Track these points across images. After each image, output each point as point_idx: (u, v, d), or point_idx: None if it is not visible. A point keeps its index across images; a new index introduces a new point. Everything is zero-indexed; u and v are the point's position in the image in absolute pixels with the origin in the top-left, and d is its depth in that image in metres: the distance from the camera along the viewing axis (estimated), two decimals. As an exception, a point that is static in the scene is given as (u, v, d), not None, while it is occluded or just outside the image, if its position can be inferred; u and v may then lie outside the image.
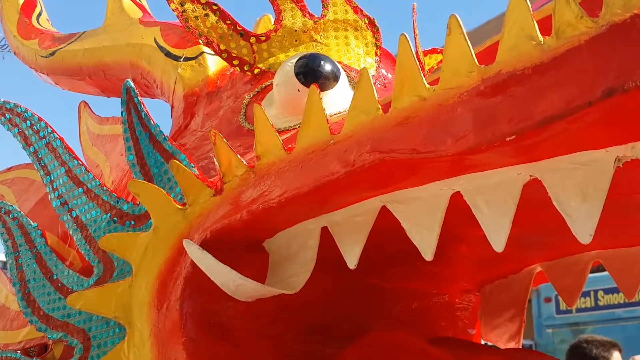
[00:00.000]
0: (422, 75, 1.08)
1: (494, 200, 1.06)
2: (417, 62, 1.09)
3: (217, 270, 1.31)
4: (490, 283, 1.79)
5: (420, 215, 1.15)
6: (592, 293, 8.07)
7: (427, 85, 1.06)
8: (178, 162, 1.42)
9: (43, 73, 2.27)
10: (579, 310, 8.25)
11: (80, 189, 1.65)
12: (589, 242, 0.96)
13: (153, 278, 1.43)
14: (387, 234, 1.35)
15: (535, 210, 1.25)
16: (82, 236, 1.63)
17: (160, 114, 2.03)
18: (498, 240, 1.04)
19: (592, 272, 1.63)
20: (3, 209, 1.80)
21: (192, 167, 1.45)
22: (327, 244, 1.28)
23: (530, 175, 1.03)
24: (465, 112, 0.99)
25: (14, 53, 2.50)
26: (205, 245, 1.35)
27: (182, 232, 1.40)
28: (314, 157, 1.20)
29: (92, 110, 2.09)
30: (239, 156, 1.33)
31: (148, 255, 1.45)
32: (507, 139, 0.93)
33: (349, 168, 1.14)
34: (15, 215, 1.77)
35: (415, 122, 1.06)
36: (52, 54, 2.22)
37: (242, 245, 1.39)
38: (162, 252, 1.43)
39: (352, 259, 1.23)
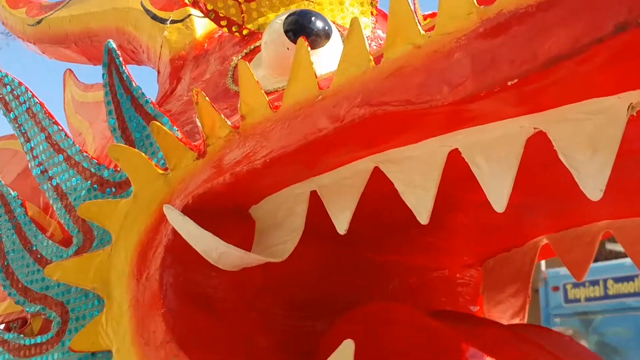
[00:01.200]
0: (416, 22, 0.98)
1: (494, 156, 0.97)
2: (412, 10, 1.00)
3: (199, 237, 1.23)
4: (492, 257, 1.70)
5: (415, 175, 1.06)
6: (601, 282, 7.98)
7: (422, 32, 0.97)
8: (159, 124, 1.34)
9: (30, 42, 2.19)
10: (587, 299, 8.18)
11: (60, 156, 1.57)
12: (599, 198, 0.87)
13: (133, 247, 1.35)
14: (381, 202, 1.26)
15: (540, 173, 1.16)
16: (62, 205, 1.54)
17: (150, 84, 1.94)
18: (499, 199, 0.95)
19: (601, 260, 1.55)
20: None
21: (176, 130, 1.36)
22: (319, 214, 1.19)
23: (534, 128, 0.94)
24: (463, 57, 0.90)
25: (2, 24, 2.42)
26: (187, 211, 1.26)
27: (164, 198, 1.32)
28: (301, 114, 1.12)
29: (76, 78, 2.01)
30: (222, 116, 1.25)
31: (128, 223, 1.37)
32: (509, 83, 0.84)
33: (337, 124, 1.05)
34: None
35: (409, 71, 0.97)
36: (39, 22, 2.14)
37: (227, 212, 1.31)
38: (143, 219, 1.35)
39: (342, 224, 1.14)
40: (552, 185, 1.22)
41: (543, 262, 8.48)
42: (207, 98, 1.26)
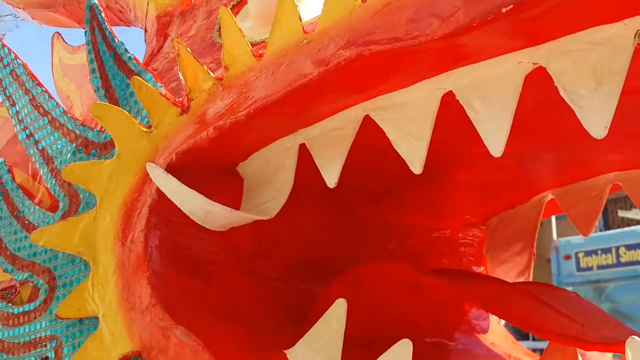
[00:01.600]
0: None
1: (491, 96, 0.90)
2: None
3: (183, 195, 1.17)
4: (496, 215, 1.63)
5: (408, 122, 1.00)
6: (613, 250, 7.91)
7: (411, -35, 0.90)
8: (140, 79, 1.27)
9: (20, 8, 2.12)
10: (600, 267, 8.11)
11: (45, 119, 1.51)
12: (604, 135, 0.80)
13: (117, 208, 1.29)
14: (377, 157, 1.20)
15: (541, 116, 1.09)
16: (48, 170, 1.49)
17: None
18: (496, 142, 0.88)
19: (614, 228, 1.47)
20: None
21: (160, 87, 1.30)
22: (311, 171, 1.13)
23: (533, 64, 0.86)
24: (454, -14, 0.83)
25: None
26: (172, 170, 1.20)
27: (148, 157, 1.26)
28: (285, 61, 1.05)
29: (64, 41, 1.94)
30: (205, 68, 1.18)
31: (112, 184, 1.31)
32: (503, 9, 0.77)
33: (323, 68, 0.98)
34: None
35: (397, 7, 0.90)
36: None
37: (215, 170, 1.25)
38: (127, 180, 1.29)
39: (331, 177, 1.07)
40: (554, 130, 1.15)
41: (554, 231, 8.42)
42: (188, 49, 1.19)
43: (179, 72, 1.21)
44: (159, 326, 1.16)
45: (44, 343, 1.40)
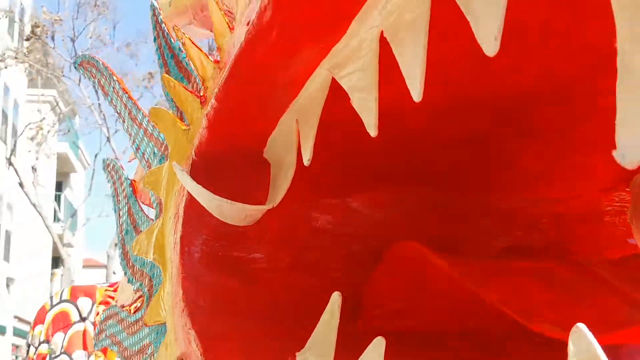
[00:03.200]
0: None
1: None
2: None
3: (196, 191, 1.10)
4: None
5: (355, 74, 0.81)
6: None
7: None
8: (168, 77, 1.23)
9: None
10: None
11: (141, 131, 1.54)
12: (495, 50, 0.56)
13: (172, 212, 1.26)
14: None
15: None
16: (148, 178, 1.52)
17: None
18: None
19: None
20: (110, 165, 1.78)
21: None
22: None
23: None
24: None
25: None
26: (212, 165, 1.15)
27: (189, 155, 1.21)
28: (241, 23, 0.93)
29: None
30: (205, 53, 1.10)
31: (168, 186, 1.29)
32: None
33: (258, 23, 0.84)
34: (116, 168, 1.74)
35: None
36: (170, 3, 2.16)
37: (249, 159, 1.16)
38: (175, 180, 1.26)
39: (305, 153, 0.93)
40: None
41: None
42: (190, 38, 1.12)
43: (190, 64, 1.15)
44: (185, 330, 1.10)
45: (146, 351, 1.43)
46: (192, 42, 1.12)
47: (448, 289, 1.03)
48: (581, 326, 0.61)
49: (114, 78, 1.62)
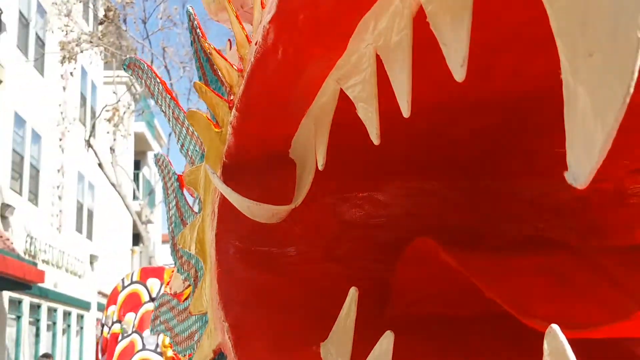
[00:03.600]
0: None
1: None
2: None
3: (227, 193, 1.16)
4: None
5: (357, 86, 0.85)
6: None
7: None
8: (199, 83, 1.30)
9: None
10: None
11: (184, 129, 1.62)
12: (462, 77, 0.60)
13: (210, 209, 1.34)
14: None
15: None
16: (191, 174, 1.60)
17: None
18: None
19: None
20: (160, 160, 1.87)
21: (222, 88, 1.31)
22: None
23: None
24: None
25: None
26: (239, 166, 1.22)
27: (222, 156, 1.28)
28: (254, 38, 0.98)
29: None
30: (229, 63, 1.16)
31: (206, 185, 1.37)
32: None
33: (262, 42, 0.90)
34: (165, 163, 1.83)
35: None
36: (215, -1, 2.22)
37: (279, 160, 1.22)
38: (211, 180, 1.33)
39: (319, 158, 0.97)
40: None
41: None
42: (215, 48, 1.18)
43: (219, 73, 1.22)
44: (220, 322, 1.17)
45: (193, 337, 1.51)
46: (218, 52, 1.18)
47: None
48: (554, 327, 0.64)
49: (157, 80, 1.69)
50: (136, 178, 28.43)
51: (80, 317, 22.39)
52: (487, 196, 1.31)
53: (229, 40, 2.14)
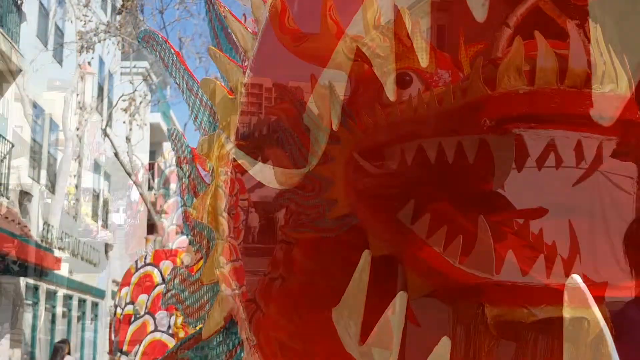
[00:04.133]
0: None
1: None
2: None
3: (239, 156, 1.16)
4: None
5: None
6: None
7: None
8: (214, 49, 1.29)
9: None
10: None
11: (197, 101, 1.62)
12: (483, 17, 0.59)
13: (223, 178, 1.33)
14: None
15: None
16: (203, 145, 1.60)
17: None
18: None
19: None
20: (173, 134, 1.87)
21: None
22: None
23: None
24: None
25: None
26: (253, 131, 1.20)
27: (235, 123, 1.27)
28: None
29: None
30: (245, 25, 1.16)
31: (220, 154, 1.36)
32: None
33: None
34: (178, 136, 1.82)
35: None
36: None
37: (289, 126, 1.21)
38: (224, 147, 1.32)
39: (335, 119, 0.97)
40: None
41: None
42: (230, 11, 1.19)
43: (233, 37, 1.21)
44: (232, 289, 1.17)
45: (204, 308, 1.51)
46: (233, 15, 1.17)
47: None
48: (575, 276, 0.63)
49: (172, 51, 1.69)
50: (151, 168, 28.51)
51: (95, 305, 22.53)
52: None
53: (244, 14, 2.13)
